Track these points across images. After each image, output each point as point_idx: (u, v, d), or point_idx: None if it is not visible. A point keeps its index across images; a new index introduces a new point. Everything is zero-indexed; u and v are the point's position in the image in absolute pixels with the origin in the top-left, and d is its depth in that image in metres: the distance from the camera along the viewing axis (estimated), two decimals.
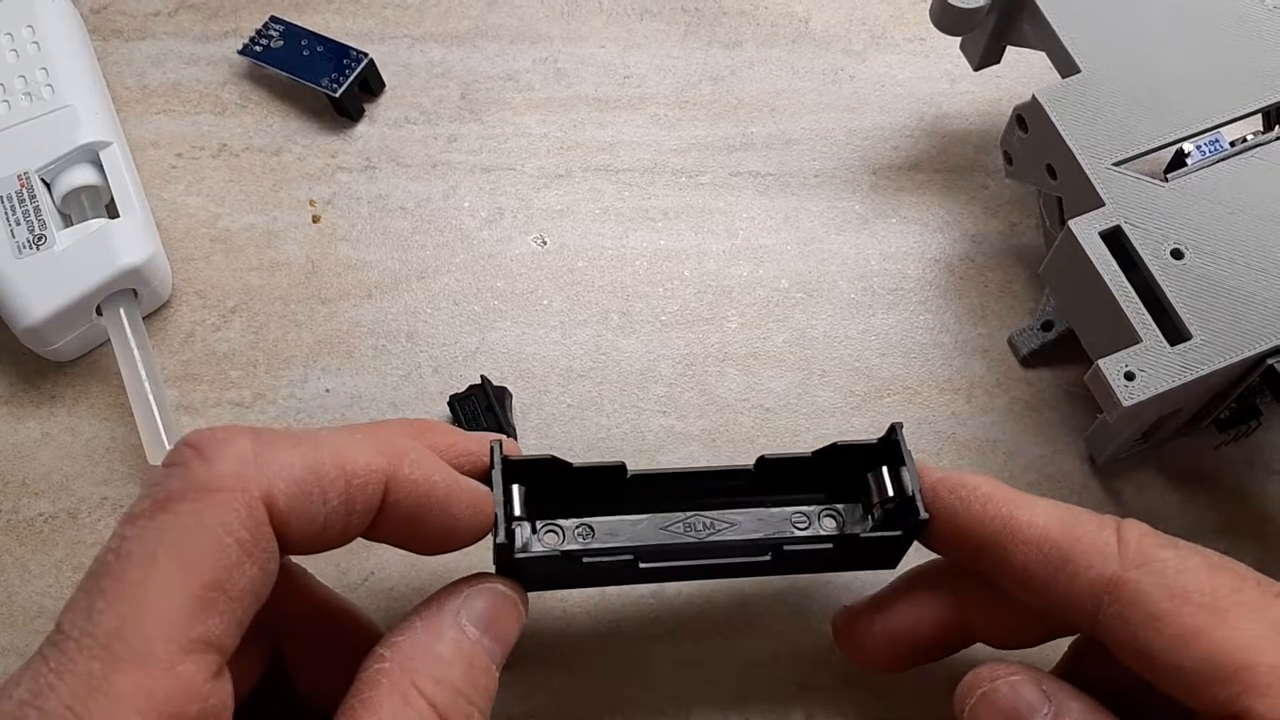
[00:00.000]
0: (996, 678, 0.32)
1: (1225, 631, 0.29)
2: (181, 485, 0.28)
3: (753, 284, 0.50)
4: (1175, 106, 0.43)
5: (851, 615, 0.39)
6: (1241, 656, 0.29)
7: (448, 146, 0.54)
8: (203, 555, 0.27)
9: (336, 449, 0.30)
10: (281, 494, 0.29)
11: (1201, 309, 0.39)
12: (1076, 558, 0.32)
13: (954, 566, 0.37)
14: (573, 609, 0.44)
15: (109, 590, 0.26)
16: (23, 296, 0.46)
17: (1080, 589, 0.32)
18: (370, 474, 0.30)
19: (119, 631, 0.26)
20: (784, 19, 0.57)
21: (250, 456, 0.28)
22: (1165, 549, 0.32)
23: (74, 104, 0.49)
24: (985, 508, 0.34)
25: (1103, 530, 0.32)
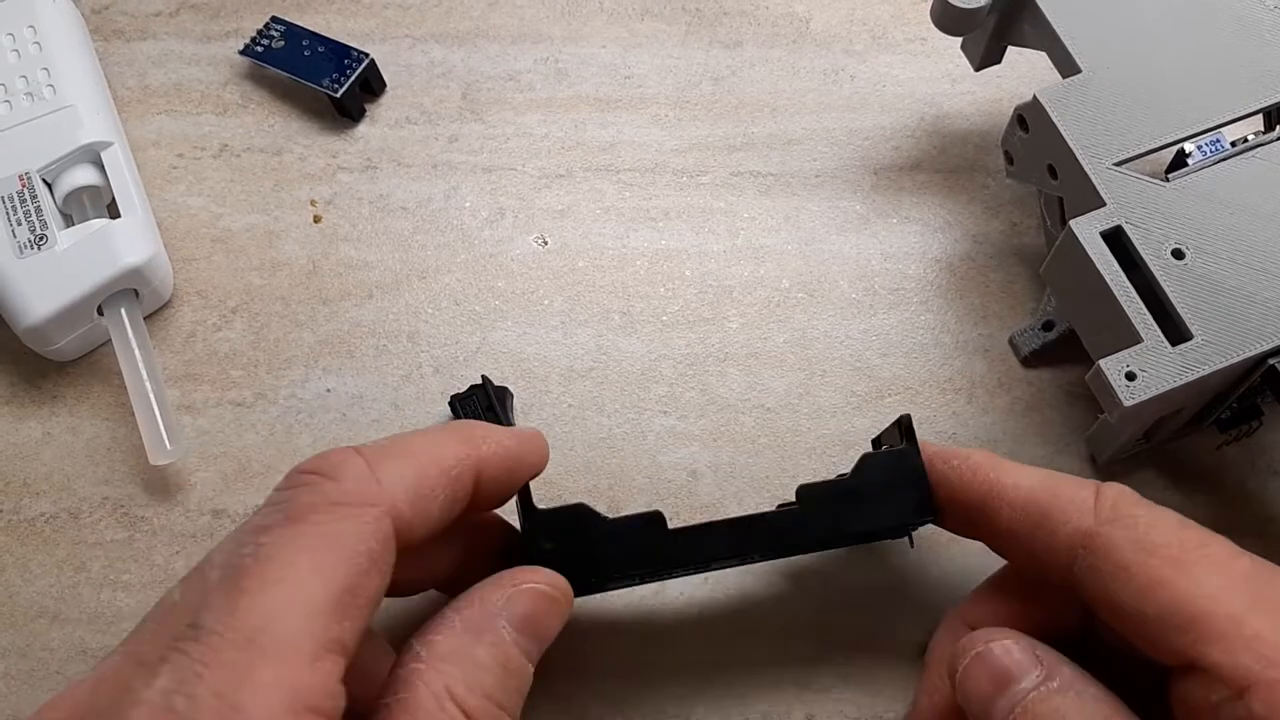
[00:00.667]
0: (991, 640, 0.33)
1: (1187, 583, 0.31)
2: (314, 499, 0.30)
3: (754, 284, 0.50)
4: (1176, 106, 0.43)
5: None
6: (1200, 606, 0.30)
7: (449, 147, 0.54)
8: (338, 563, 0.29)
9: (427, 450, 0.33)
10: (404, 505, 0.31)
11: (1202, 309, 0.39)
12: (1055, 514, 0.34)
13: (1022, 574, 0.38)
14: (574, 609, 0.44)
15: (250, 590, 0.28)
16: (24, 296, 0.46)
17: (1058, 543, 0.33)
18: (463, 464, 0.33)
19: (264, 628, 0.27)
20: (784, 19, 0.57)
21: (368, 474, 0.31)
22: (1138, 506, 0.34)
23: (75, 104, 0.50)
24: (975, 474, 0.36)
25: (1081, 489, 0.34)
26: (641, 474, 0.46)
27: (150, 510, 0.46)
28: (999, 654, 0.33)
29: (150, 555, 0.46)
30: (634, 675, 0.43)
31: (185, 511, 0.46)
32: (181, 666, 0.26)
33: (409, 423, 0.48)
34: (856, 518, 0.38)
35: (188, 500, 0.47)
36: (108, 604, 0.45)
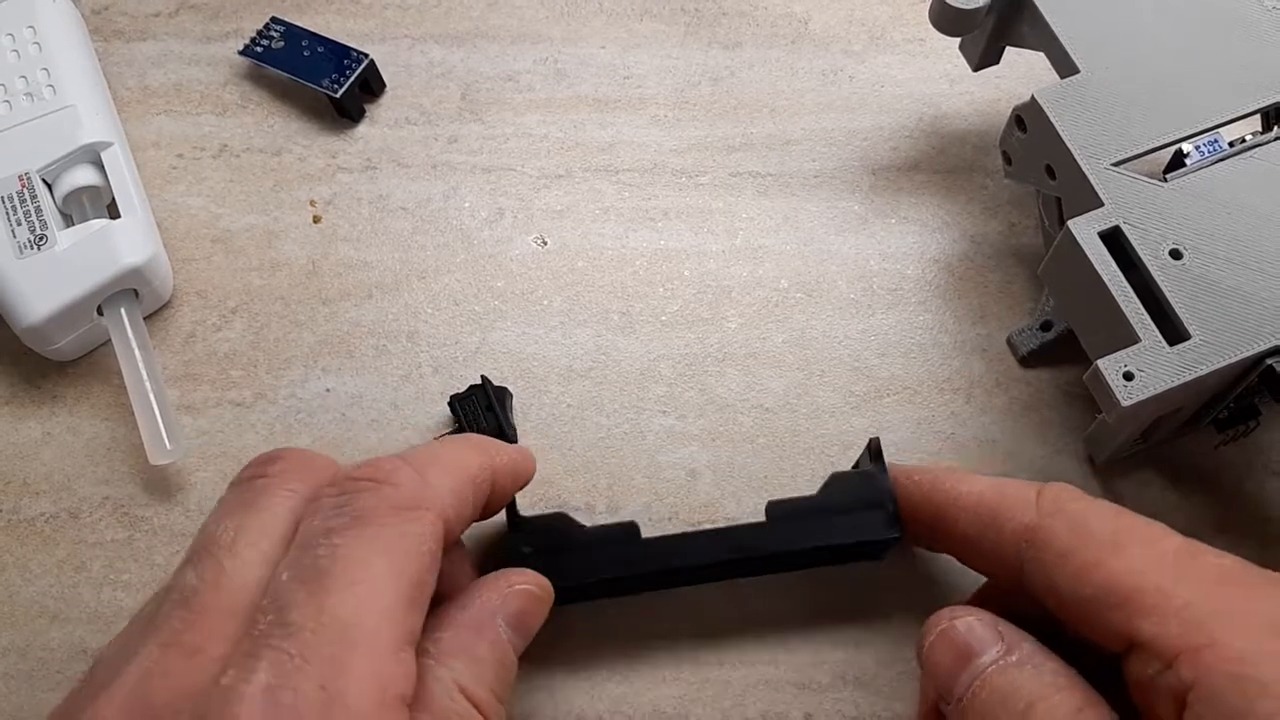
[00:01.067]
0: (955, 617, 0.35)
1: (1119, 563, 0.32)
2: (377, 504, 0.32)
3: (752, 284, 0.50)
4: (1174, 107, 0.43)
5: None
6: (1132, 582, 0.31)
7: (448, 147, 0.54)
8: (408, 563, 0.31)
9: (457, 459, 0.36)
10: (450, 509, 0.34)
11: (1200, 309, 0.39)
12: (1002, 514, 0.35)
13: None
14: (572, 609, 0.44)
15: (334, 589, 0.29)
16: (24, 296, 0.46)
17: (1005, 540, 0.35)
18: (484, 472, 0.36)
19: (354, 623, 0.29)
20: (784, 19, 0.57)
21: (420, 480, 0.33)
22: (1078, 500, 0.35)
23: (75, 104, 0.50)
24: (935, 487, 0.38)
25: (1026, 489, 0.36)
26: (640, 474, 0.47)
27: (150, 510, 0.46)
28: (961, 630, 0.34)
29: (150, 555, 0.46)
30: (633, 675, 0.43)
31: (185, 511, 0.46)
32: (279, 662, 0.28)
33: (408, 423, 0.48)
34: (824, 533, 0.39)
35: (187, 500, 0.47)
36: (108, 604, 0.45)
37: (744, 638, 0.43)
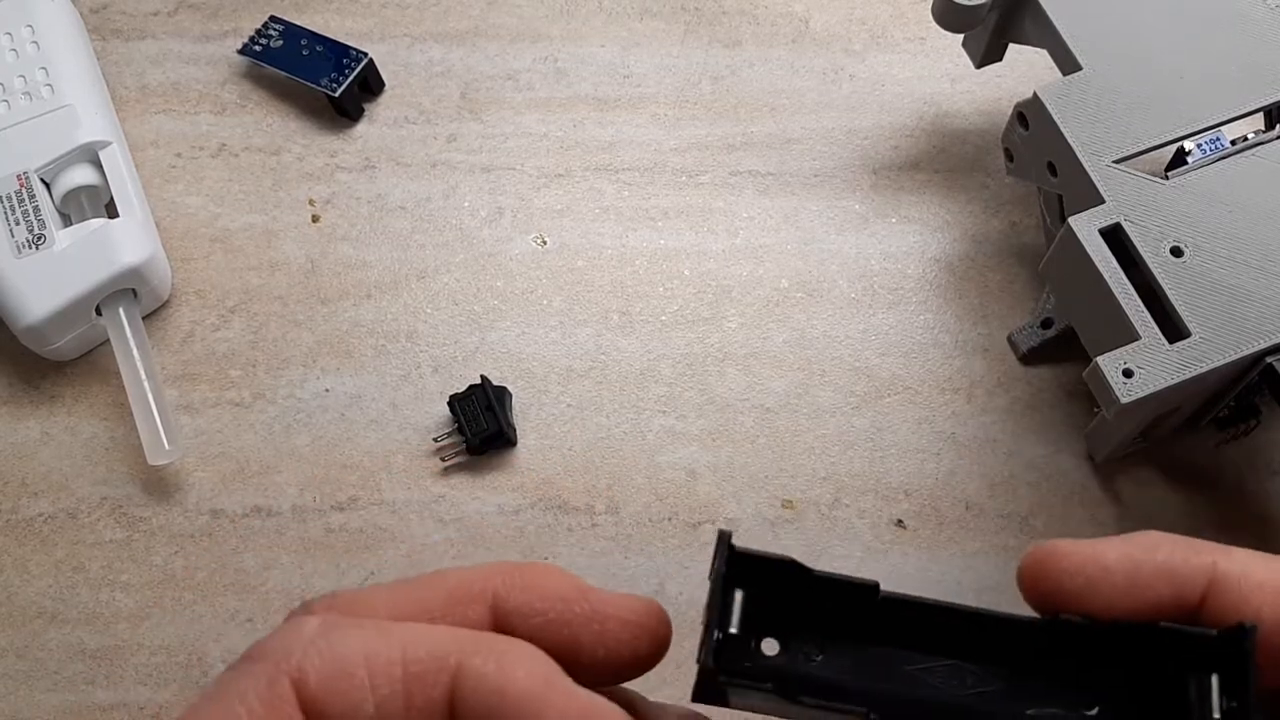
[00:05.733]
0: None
1: None
2: (250, 649, 0.27)
3: (753, 283, 0.50)
4: (1176, 105, 0.43)
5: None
6: None
7: (447, 146, 0.54)
8: (213, 716, 0.26)
9: (402, 632, 0.27)
10: (314, 673, 0.26)
11: (1200, 307, 0.39)
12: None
13: None
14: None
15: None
16: (22, 296, 0.46)
17: None
18: (432, 662, 0.26)
19: None
20: (784, 18, 0.57)
21: (304, 633, 0.27)
22: None
23: (73, 104, 0.50)
24: (1185, 563, 0.27)
25: None
26: (640, 473, 0.46)
27: (148, 510, 0.46)
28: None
29: (149, 555, 0.46)
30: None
31: (184, 511, 0.46)
32: None
33: (407, 422, 0.48)
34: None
35: (186, 500, 0.46)
36: (106, 604, 0.45)
37: None
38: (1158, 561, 0.26)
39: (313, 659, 0.26)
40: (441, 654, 0.26)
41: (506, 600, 0.28)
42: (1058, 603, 0.27)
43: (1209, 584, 0.26)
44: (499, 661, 0.25)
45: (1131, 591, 0.26)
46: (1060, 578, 0.27)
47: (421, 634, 0.26)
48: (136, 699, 0.44)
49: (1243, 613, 0.26)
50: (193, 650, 0.44)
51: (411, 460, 0.47)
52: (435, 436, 0.47)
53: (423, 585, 0.28)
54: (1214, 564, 0.26)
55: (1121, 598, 0.26)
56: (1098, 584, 0.26)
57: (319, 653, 0.26)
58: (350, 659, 0.26)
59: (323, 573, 0.45)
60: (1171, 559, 0.26)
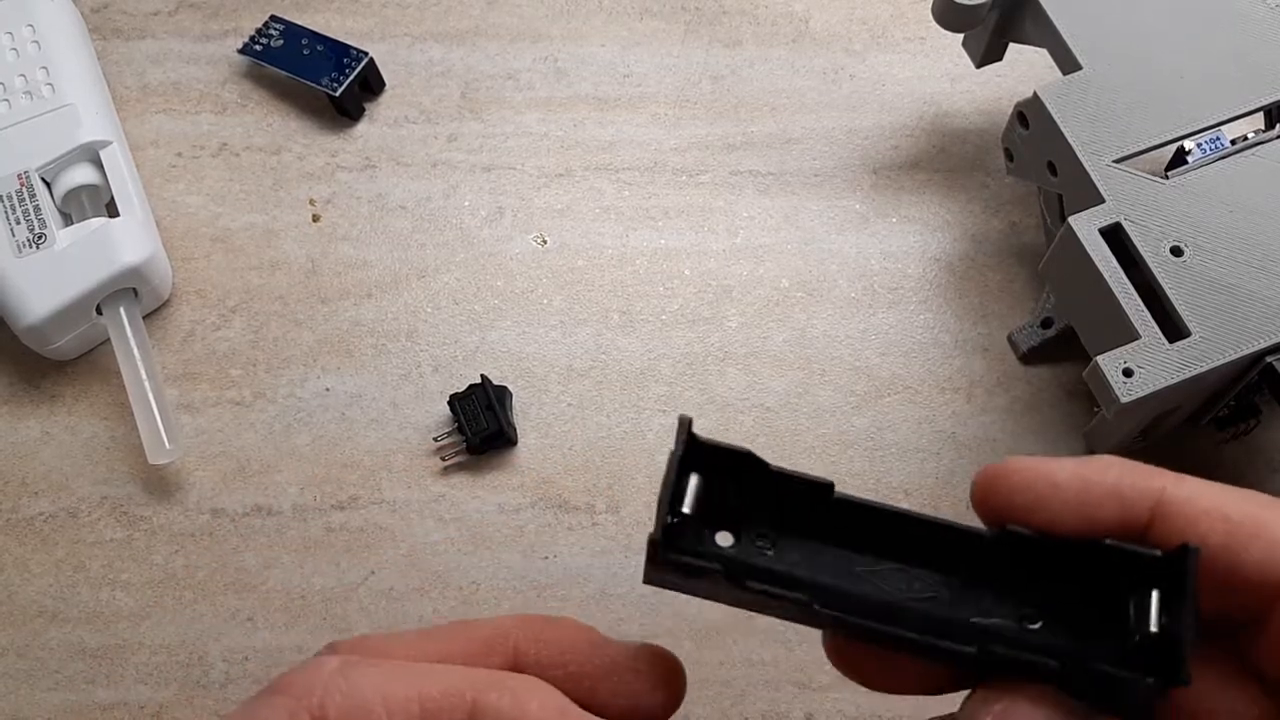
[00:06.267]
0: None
1: None
2: (273, 682, 0.28)
3: (753, 283, 0.50)
4: (1176, 104, 0.43)
5: None
6: None
7: (448, 146, 0.54)
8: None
9: (419, 671, 0.28)
10: (334, 709, 0.27)
11: (1200, 306, 0.39)
12: (1275, 528, 0.27)
13: None
14: (573, 607, 0.44)
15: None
16: (23, 295, 0.46)
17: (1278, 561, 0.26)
18: (447, 699, 0.27)
19: None
20: (784, 18, 0.57)
21: (325, 671, 0.28)
22: None
23: (74, 103, 0.50)
24: (1134, 486, 0.28)
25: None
26: (641, 473, 0.46)
27: (149, 509, 0.46)
28: (1028, 707, 0.27)
29: (149, 555, 0.46)
30: None
31: (184, 511, 0.46)
32: None
33: (407, 422, 0.48)
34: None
35: (186, 499, 0.47)
36: (106, 603, 0.45)
37: (746, 638, 0.43)
38: (1107, 482, 0.27)
39: (333, 695, 0.27)
40: (457, 691, 0.26)
41: (526, 654, 0.29)
42: (1007, 518, 0.27)
43: (1156, 508, 0.27)
44: (514, 696, 0.26)
45: (1079, 510, 0.27)
46: (1010, 493, 0.27)
47: (438, 673, 0.27)
48: (137, 698, 0.44)
49: (1187, 537, 0.26)
50: (193, 649, 0.44)
51: (412, 459, 0.47)
52: (435, 436, 0.47)
53: (445, 635, 0.29)
54: (1163, 489, 0.27)
55: (1069, 515, 0.27)
56: (1046, 500, 0.27)
57: (339, 689, 0.27)
58: (369, 696, 0.26)
59: (323, 572, 0.45)
60: (1121, 481, 0.27)
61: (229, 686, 0.44)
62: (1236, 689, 0.28)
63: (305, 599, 0.45)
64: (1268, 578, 0.26)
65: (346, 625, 0.45)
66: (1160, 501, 0.27)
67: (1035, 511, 0.27)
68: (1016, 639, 0.27)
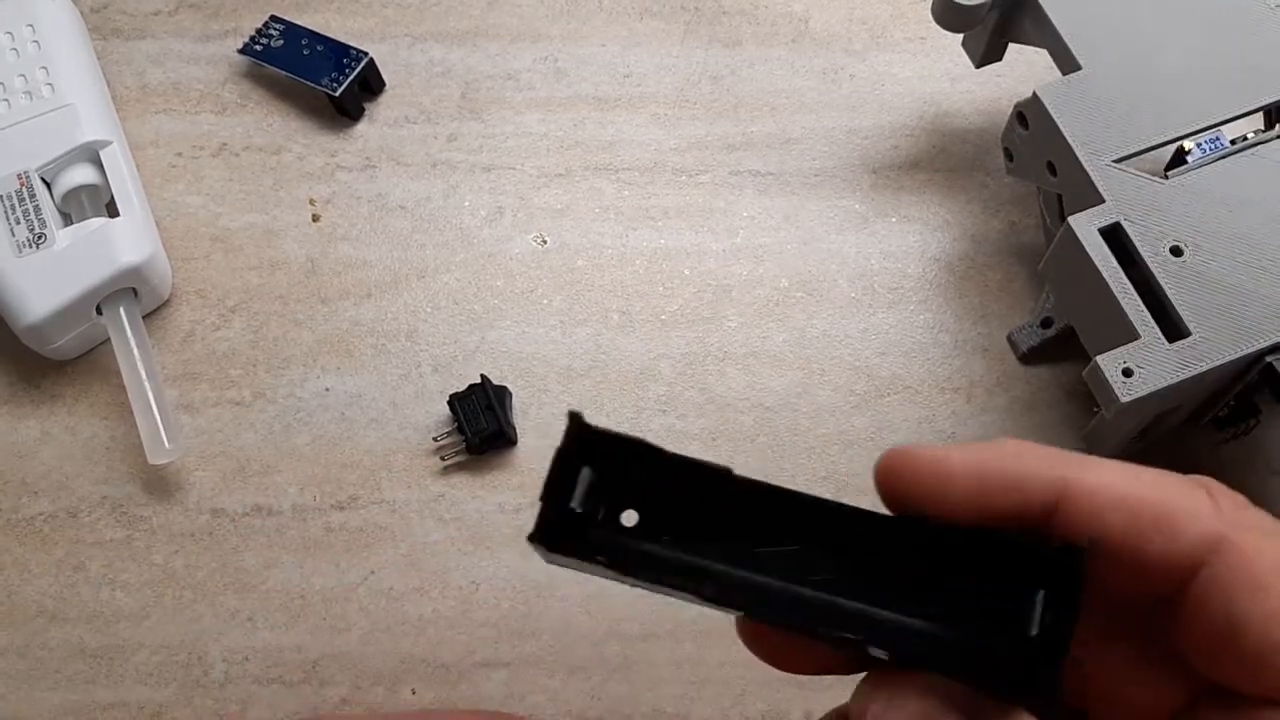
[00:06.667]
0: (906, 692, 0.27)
1: None
2: None
3: (753, 283, 0.50)
4: (1176, 104, 0.43)
5: None
6: None
7: (448, 146, 0.54)
8: None
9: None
10: None
11: (1200, 306, 0.39)
12: (1178, 515, 0.27)
13: None
14: (572, 608, 0.44)
15: None
16: (23, 295, 0.46)
17: (1181, 549, 0.27)
18: None
19: None
20: (784, 18, 0.57)
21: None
22: (1258, 512, 0.28)
23: (74, 103, 0.50)
24: (1033, 475, 0.28)
25: (1188, 486, 0.28)
26: None
27: (149, 509, 0.46)
28: (916, 694, 0.27)
29: (149, 555, 0.46)
30: (633, 674, 0.43)
31: (184, 510, 0.46)
32: None
33: (407, 422, 0.48)
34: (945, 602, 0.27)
35: (186, 499, 0.47)
36: (106, 603, 0.45)
37: None
38: (1004, 471, 0.26)
39: None
40: None
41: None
42: (907, 506, 0.27)
43: (1060, 497, 0.26)
44: None
45: (976, 499, 0.26)
46: (909, 483, 0.27)
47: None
48: (137, 698, 0.44)
49: (1088, 528, 0.26)
50: (193, 649, 0.44)
51: (412, 459, 0.47)
52: (435, 436, 0.47)
53: None
54: (1063, 477, 0.26)
55: (966, 505, 0.26)
56: (943, 489, 0.27)
57: None
58: None
59: (323, 572, 0.45)
60: (1021, 470, 0.27)
61: (229, 686, 0.44)
62: (1151, 669, 0.28)
63: (305, 599, 0.45)
64: (1171, 566, 0.26)
65: (346, 625, 0.45)
66: (1062, 492, 0.26)
67: (934, 501, 0.27)
68: (908, 627, 0.27)
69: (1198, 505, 0.27)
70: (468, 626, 0.45)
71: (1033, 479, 0.27)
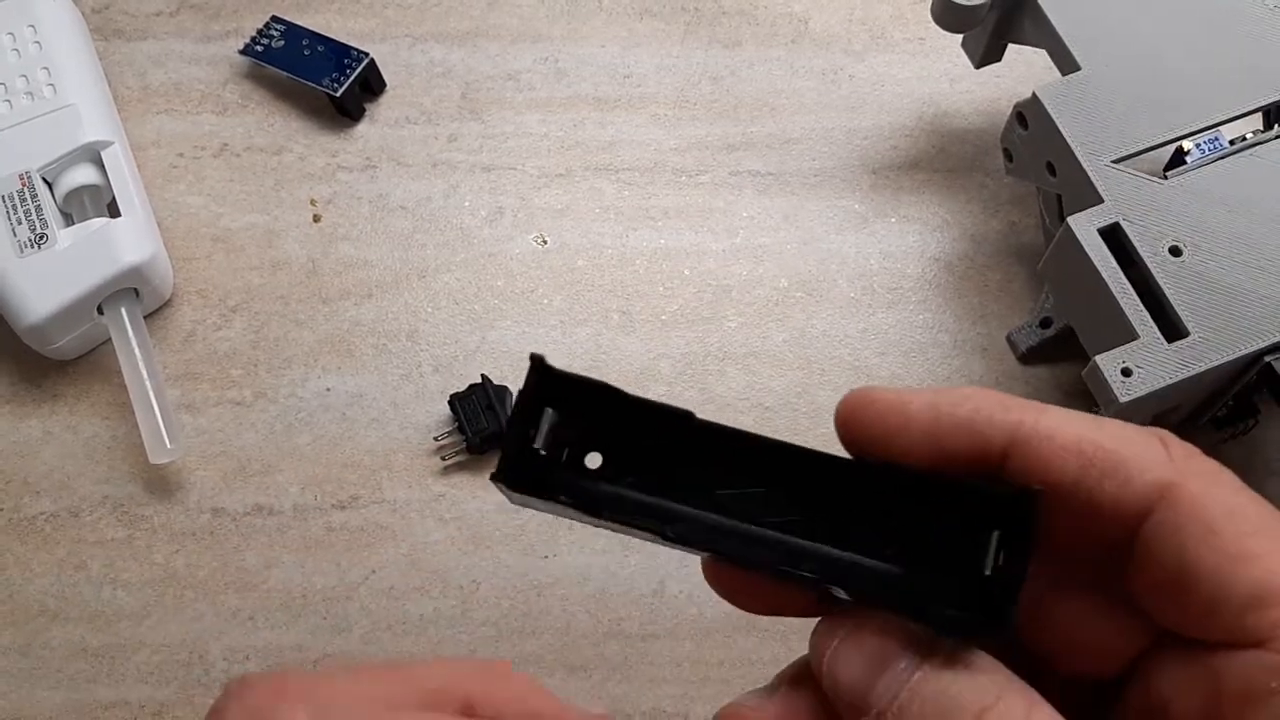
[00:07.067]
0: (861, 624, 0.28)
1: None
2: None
3: (752, 283, 0.50)
4: (1175, 104, 0.43)
5: None
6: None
7: (448, 146, 0.54)
8: None
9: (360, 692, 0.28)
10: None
11: (1199, 306, 0.39)
12: (1129, 461, 0.27)
13: None
14: (573, 607, 0.45)
15: None
16: (24, 295, 0.46)
17: (1131, 496, 0.27)
18: None
19: None
20: (783, 19, 0.57)
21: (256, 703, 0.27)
22: (1210, 461, 0.29)
23: (75, 103, 0.50)
24: (1003, 417, 0.28)
25: (1145, 435, 0.28)
26: None
27: (150, 509, 0.46)
28: (873, 634, 0.27)
29: (150, 554, 0.46)
30: (633, 674, 0.43)
31: (185, 510, 0.46)
32: None
33: (408, 421, 0.48)
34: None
35: (187, 499, 0.47)
36: (108, 602, 0.45)
37: (745, 637, 0.43)
38: (959, 415, 0.27)
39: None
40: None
41: (480, 706, 0.29)
42: (865, 448, 0.27)
43: (1011, 442, 0.27)
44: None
45: (932, 442, 0.27)
46: (868, 424, 0.28)
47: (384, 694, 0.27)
48: (138, 697, 0.44)
49: (1042, 473, 0.26)
50: (194, 648, 0.44)
51: (412, 459, 0.47)
52: (436, 435, 0.47)
53: (393, 680, 0.28)
54: (1019, 422, 0.27)
55: (921, 447, 0.27)
56: (900, 432, 0.27)
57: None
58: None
59: (324, 571, 0.46)
60: (976, 414, 0.27)
61: None
62: (1112, 613, 0.28)
63: (306, 598, 0.45)
64: (1123, 511, 0.26)
65: (347, 624, 0.45)
66: (1015, 437, 0.27)
67: (890, 443, 0.27)
68: (866, 567, 0.27)
69: (1150, 452, 0.27)
70: (468, 626, 0.45)
71: (988, 423, 0.27)
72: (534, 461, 0.27)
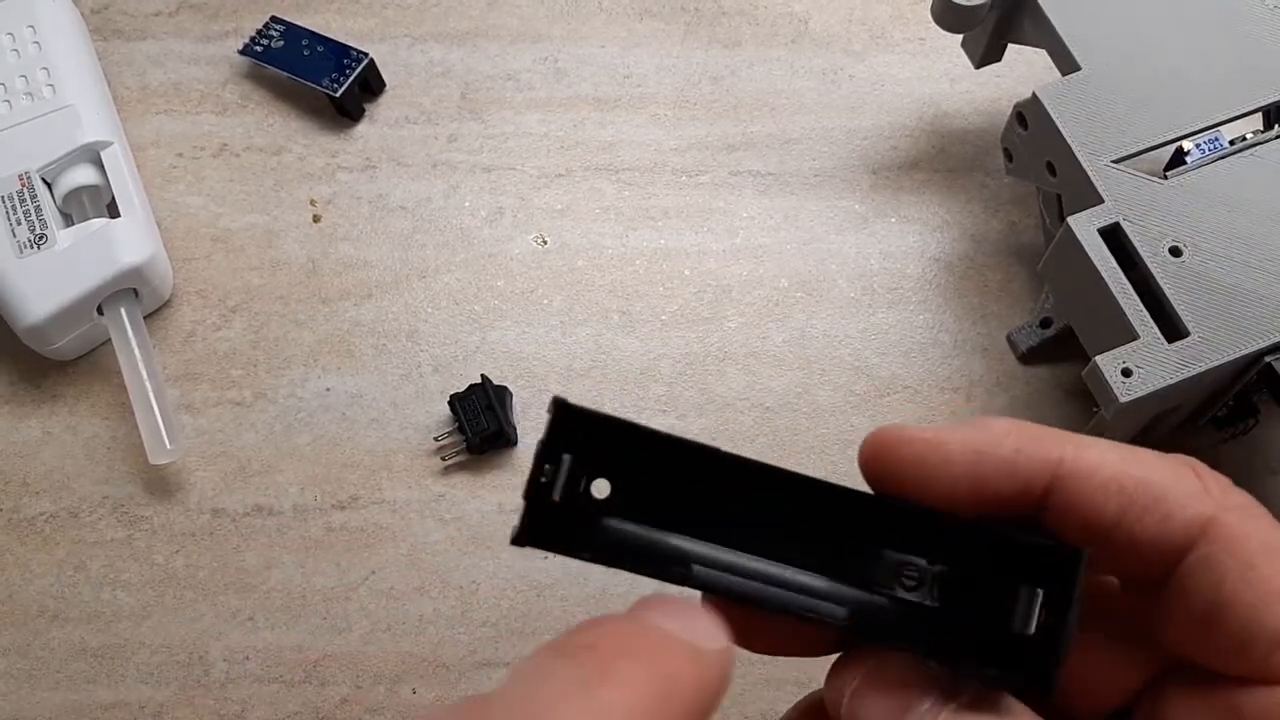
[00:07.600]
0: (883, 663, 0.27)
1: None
2: None
3: (752, 283, 0.50)
4: (1175, 105, 0.43)
5: None
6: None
7: (448, 146, 0.54)
8: None
9: None
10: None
11: (1199, 306, 0.39)
12: (1170, 496, 0.27)
13: None
14: (573, 607, 0.45)
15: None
16: (24, 296, 0.46)
17: (1174, 531, 0.27)
18: None
19: None
20: (783, 19, 0.57)
21: None
22: (1243, 494, 0.28)
23: (75, 104, 0.50)
24: (1030, 459, 0.27)
25: (1179, 466, 0.28)
26: None
27: (150, 509, 0.46)
28: (895, 674, 0.26)
29: (150, 554, 0.46)
30: None
31: (185, 510, 0.46)
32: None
33: (408, 422, 0.48)
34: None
35: (187, 499, 0.47)
36: (108, 603, 0.45)
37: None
38: (1001, 455, 0.26)
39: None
40: None
41: None
42: (897, 490, 0.26)
43: (1053, 479, 0.26)
44: None
45: (973, 485, 0.26)
46: (901, 465, 0.26)
47: None
48: (138, 697, 0.44)
49: (1084, 510, 0.26)
50: (194, 649, 0.44)
51: (412, 459, 0.47)
52: (436, 436, 0.47)
53: None
54: (1060, 460, 0.26)
55: (962, 491, 0.26)
56: (939, 475, 0.26)
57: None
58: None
59: (324, 571, 0.46)
60: (1018, 453, 0.26)
61: (229, 686, 0.44)
62: (1113, 646, 0.28)
63: (306, 598, 0.45)
64: (1164, 547, 0.26)
65: (347, 625, 0.45)
66: (1057, 474, 0.26)
67: (928, 486, 0.26)
68: (896, 613, 0.26)
69: (1188, 486, 0.27)
70: (468, 626, 0.45)
71: (1030, 460, 0.26)
72: (552, 516, 0.26)
